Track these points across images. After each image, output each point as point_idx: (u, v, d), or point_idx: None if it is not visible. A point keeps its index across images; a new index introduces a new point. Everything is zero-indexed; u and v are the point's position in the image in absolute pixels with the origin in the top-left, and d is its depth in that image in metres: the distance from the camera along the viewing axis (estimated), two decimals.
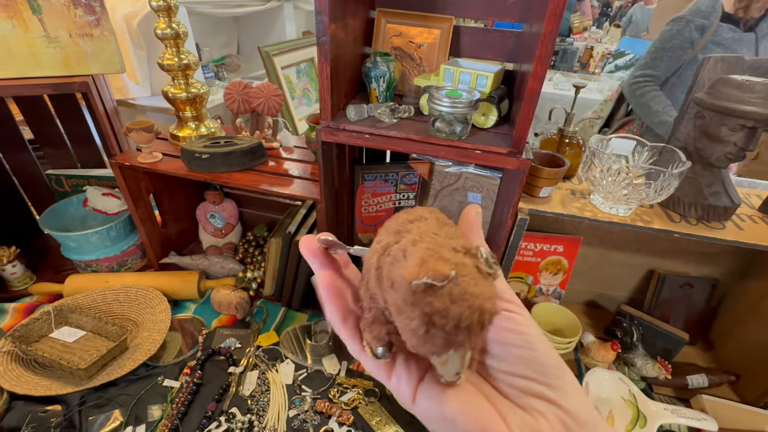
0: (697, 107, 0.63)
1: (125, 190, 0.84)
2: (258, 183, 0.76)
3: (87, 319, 0.81)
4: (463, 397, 0.19)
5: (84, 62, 0.74)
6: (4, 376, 0.69)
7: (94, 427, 0.66)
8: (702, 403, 0.73)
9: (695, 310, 0.86)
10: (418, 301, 0.15)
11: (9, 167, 0.97)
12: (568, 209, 0.67)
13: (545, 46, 0.47)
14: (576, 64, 2.83)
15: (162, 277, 0.93)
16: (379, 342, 0.19)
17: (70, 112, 0.98)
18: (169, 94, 0.85)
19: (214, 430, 0.66)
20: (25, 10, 0.67)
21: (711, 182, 0.66)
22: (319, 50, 0.54)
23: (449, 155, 0.59)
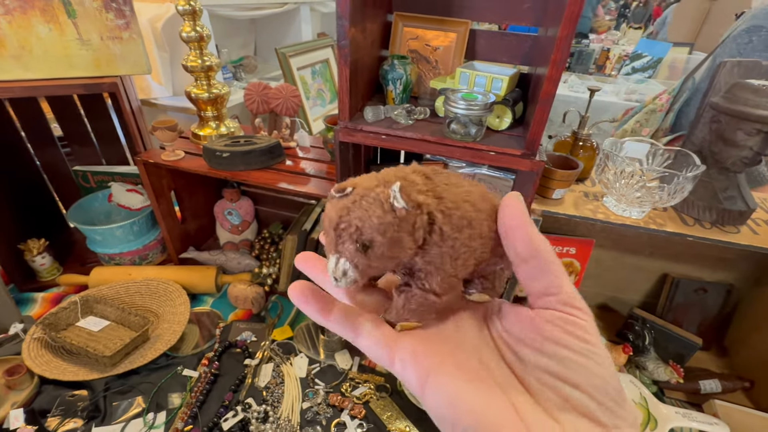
0: (713, 111, 0.63)
1: (149, 186, 0.87)
2: (276, 181, 0.78)
3: (111, 309, 0.85)
4: (482, 396, 0.17)
5: (113, 63, 0.78)
6: (35, 361, 0.73)
7: (118, 412, 0.69)
8: (714, 408, 0.72)
9: (709, 315, 0.86)
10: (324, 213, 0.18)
11: (40, 163, 1.02)
12: (581, 211, 0.68)
13: (561, 49, 0.48)
14: (592, 66, 2.81)
15: (181, 272, 0.96)
16: None
17: (98, 111, 1.02)
18: (192, 95, 0.88)
19: (231, 419, 0.69)
20: (61, 14, 0.71)
21: (726, 186, 0.66)
22: (339, 53, 0.56)
23: (464, 156, 0.60)
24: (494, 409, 0.16)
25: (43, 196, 1.05)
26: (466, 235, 0.18)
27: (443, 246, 0.17)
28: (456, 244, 0.17)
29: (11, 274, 0.93)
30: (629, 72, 2.52)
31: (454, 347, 0.19)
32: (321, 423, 0.70)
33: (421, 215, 0.17)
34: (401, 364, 0.18)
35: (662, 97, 1.35)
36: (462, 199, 0.18)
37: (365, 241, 0.16)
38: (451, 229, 0.17)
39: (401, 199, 0.16)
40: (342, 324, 0.19)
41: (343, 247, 0.17)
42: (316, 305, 0.19)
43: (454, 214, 0.17)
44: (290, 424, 0.69)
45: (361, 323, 0.19)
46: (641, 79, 2.35)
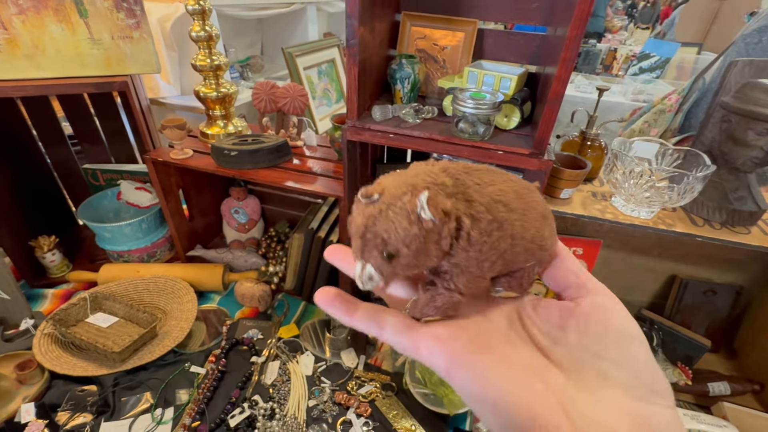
0: (723, 111, 0.63)
1: (157, 184, 0.88)
2: (283, 180, 0.79)
3: (120, 306, 0.86)
4: (511, 373, 0.16)
5: (124, 63, 0.79)
6: (45, 356, 0.74)
7: (127, 407, 0.70)
8: (723, 411, 0.72)
9: (718, 317, 0.85)
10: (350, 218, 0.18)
11: (50, 161, 1.03)
12: (589, 211, 0.68)
13: (570, 49, 0.48)
14: (599, 66, 2.79)
15: (189, 269, 0.97)
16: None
17: (108, 109, 1.03)
18: (201, 94, 0.89)
19: (237, 416, 0.69)
20: (73, 14, 0.72)
21: (736, 187, 0.65)
22: (348, 52, 0.57)
23: (472, 155, 0.60)
24: (524, 386, 0.16)
25: (53, 193, 1.07)
26: (495, 237, 0.17)
27: (470, 250, 0.17)
28: (484, 248, 0.17)
29: (22, 270, 0.94)
30: (636, 72, 2.50)
31: (481, 331, 0.19)
32: (327, 421, 0.71)
33: (449, 223, 0.16)
34: (427, 348, 0.18)
35: (671, 98, 1.34)
36: (494, 199, 0.17)
37: (391, 251, 0.16)
38: (479, 234, 0.17)
39: (428, 212, 0.16)
40: (366, 322, 0.19)
41: (369, 255, 0.17)
42: (341, 307, 0.20)
43: (484, 218, 0.17)
44: (296, 421, 0.70)
45: (384, 318, 0.19)
46: (649, 79, 2.34)
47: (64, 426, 0.66)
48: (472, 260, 0.17)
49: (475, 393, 0.17)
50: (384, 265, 0.17)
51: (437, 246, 0.16)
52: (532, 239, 0.19)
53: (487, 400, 0.16)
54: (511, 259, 0.19)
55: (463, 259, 0.17)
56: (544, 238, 0.19)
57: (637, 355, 0.17)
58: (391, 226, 0.16)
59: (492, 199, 0.17)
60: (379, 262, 0.17)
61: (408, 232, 0.16)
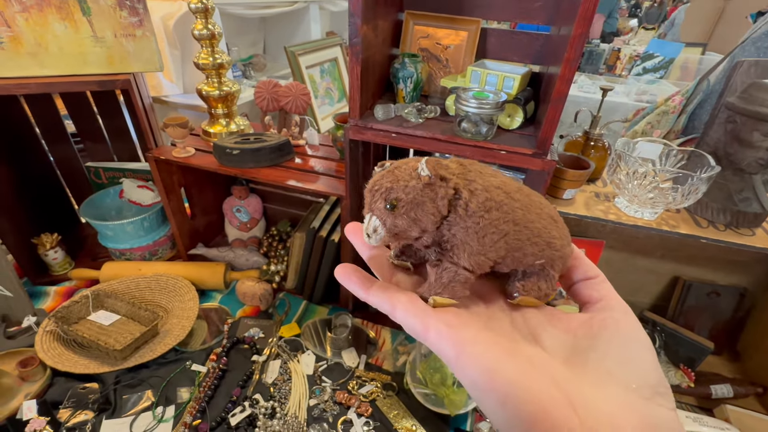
0: (729, 111, 0.62)
1: (159, 182, 0.88)
2: (285, 178, 0.79)
3: (121, 304, 0.86)
4: (519, 366, 0.17)
5: (126, 61, 0.79)
6: (47, 354, 0.74)
7: (128, 405, 0.70)
8: (726, 413, 0.71)
9: (722, 319, 0.85)
10: None
11: (53, 159, 1.03)
12: (591, 212, 0.67)
13: (574, 48, 0.48)
14: (602, 66, 2.78)
15: (190, 267, 0.97)
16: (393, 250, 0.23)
17: (110, 108, 1.03)
18: (203, 92, 0.88)
19: (238, 414, 0.69)
20: (76, 12, 0.72)
21: (741, 188, 0.65)
22: (351, 51, 0.56)
23: (474, 155, 0.60)
24: (532, 379, 0.16)
25: (56, 191, 1.07)
26: (495, 216, 0.19)
27: (468, 221, 0.19)
28: (482, 222, 0.19)
29: (25, 267, 0.95)
30: (640, 72, 2.49)
31: (490, 324, 0.20)
32: (328, 420, 0.71)
33: (446, 188, 0.19)
34: (437, 334, 0.18)
35: (675, 99, 1.33)
36: (493, 185, 0.19)
37: (392, 200, 0.18)
38: (477, 206, 0.19)
39: (426, 169, 0.18)
40: (380, 298, 0.20)
41: (375, 206, 0.19)
42: (357, 282, 0.21)
43: (481, 195, 0.19)
44: (297, 420, 0.70)
45: (397, 297, 0.20)
46: (652, 79, 2.32)
47: (66, 423, 0.66)
48: (471, 233, 0.19)
49: (482, 384, 0.17)
50: (387, 214, 0.19)
51: (433, 203, 0.18)
52: (539, 234, 0.20)
53: (494, 392, 0.16)
54: (516, 247, 0.20)
55: (461, 230, 0.19)
56: (553, 237, 0.20)
57: (644, 357, 0.18)
58: (394, 178, 0.19)
59: (491, 184, 0.19)
60: (382, 212, 0.19)
61: (408, 183, 0.18)
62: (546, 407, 0.15)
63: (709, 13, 3.97)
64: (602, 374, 0.17)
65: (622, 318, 0.19)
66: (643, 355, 0.18)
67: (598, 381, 0.17)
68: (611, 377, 0.17)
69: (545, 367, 0.17)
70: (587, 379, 0.17)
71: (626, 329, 0.19)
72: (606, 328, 0.19)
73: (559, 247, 0.21)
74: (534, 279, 0.21)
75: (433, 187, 0.18)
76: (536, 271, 0.21)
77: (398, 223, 0.19)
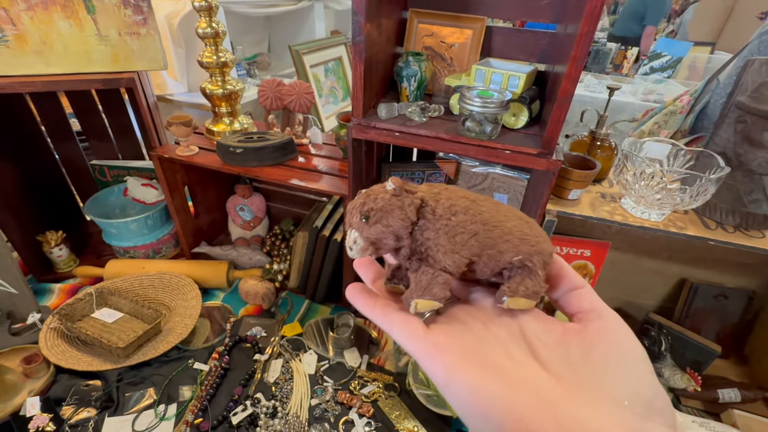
0: (739, 111, 0.61)
1: (163, 181, 0.88)
2: (288, 177, 0.79)
3: (125, 301, 0.86)
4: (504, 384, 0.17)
5: (131, 59, 0.79)
6: (51, 350, 0.74)
7: (130, 403, 0.70)
8: (733, 418, 0.70)
9: (729, 323, 0.83)
10: None
11: (58, 157, 1.04)
12: (597, 212, 0.67)
13: (581, 46, 0.47)
14: (609, 65, 2.75)
15: (194, 266, 0.97)
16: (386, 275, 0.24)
17: (115, 106, 1.04)
18: (207, 91, 0.88)
19: (240, 413, 0.69)
20: (81, 10, 0.72)
21: (751, 189, 0.64)
22: (354, 49, 0.56)
23: (478, 155, 0.59)
24: (518, 397, 0.16)
25: (61, 189, 1.08)
26: (461, 218, 0.21)
27: (437, 223, 0.21)
28: (450, 224, 0.21)
29: (30, 264, 0.95)
30: (647, 72, 2.46)
31: (481, 342, 0.20)
32: (329, 420, 0.70)
33: (413, 198, 0.21)
34: (427, 356, 0.19)
35: (683, 99, 1.31)
36: (458, 195, 0.22)
37: (366, 212, 0.21)
38: (443, 210, 0.21)
39: (391, 183, 0.21)
40: (380, 317, 0.21)
41: (353, 221, 0.21)
42: (363, 301, 0.22)
43: (446, 201, 0.21)
44: (298, 420, 0.69)
45: (394, 318, 0.21)
46: (660, 79, 2.30)
47: (69, 420, 0.66)
48: (441, 234, 0.21)
49: (468, 404, 0.17)
50: (363, 226, 0.21)
51: (401, 210, 0.21)
52: (510, 231, 0.21)
53: (478, 409, 0.17)
54: (489, 244, 0.21)
55: (432, 233, 0.21)
56: (525, 234, 0.22)
57: (638, 370, 0.18)
58: (367, 196, 0.21)
59: (457, 195, 0.22)
60: (359, 224, 0.21)
61: (377, 197, 0.21)
62: (526, 416, 0.16)
63: (718, 12, 3.92)
64: (595, 391, 0.17)
65: (615, 327, 0.19)
66: (638, 368, 0.18)
67: (590, 398, 0.17)
68: (603, 393, 0.17)
69: (535, 384, 0.17)
70: (580, 397, 0.17)
71: (620, 340, 0.19)
72: (600, 339, 0.19)
73: (534, 243, 0.22)
74: (518, 278, 0.21)
75: (400, 198, 0.21)
76: (518, 270, 0.22)
77: (372, 231, 0.21)
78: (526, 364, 0.18)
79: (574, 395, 0.17)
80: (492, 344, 0.20)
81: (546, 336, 0.20)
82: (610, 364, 0.18)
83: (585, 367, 0.18)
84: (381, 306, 0.22)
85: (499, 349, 0.19)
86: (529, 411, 0.16)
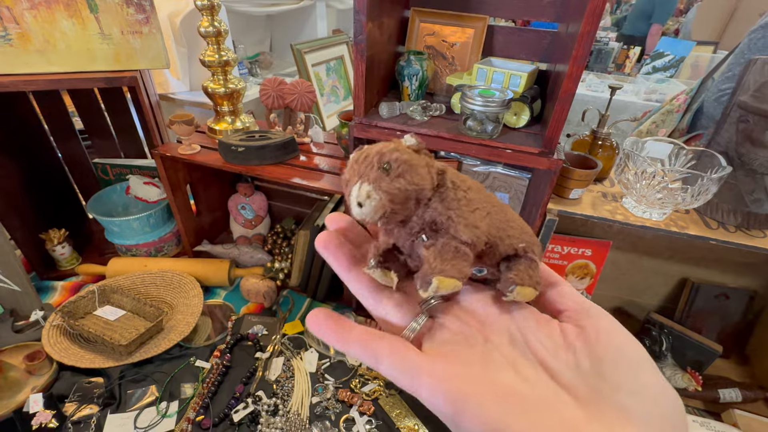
0: (741, 111, 0.61)
1: (165, 179, 0.89)
2: (290, 176, 0.79)
3: (127, 299, 0.86)
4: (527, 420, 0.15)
5: (133, 58, 0.79)
6: (54, 348, 0.75)
7: (132, 400, 0.71)
8: (734, 418, 0.70)
9: (730, 322, 0.83)
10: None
11: (61, 155, 1.04)
12: (598, 212, 0.67)
13: (583, 45, 0.47)
14: (611, 65, 2.74)
15: (195, 264, 0.98)
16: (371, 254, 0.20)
17: (117, 105, 1.04)
18: (209, 89, 0.89)
19: (241, 411, 0.69)
20: (84, 9, 0.72)
21: (753, 189, 0.63)
22: (356, 48, 0.56)
23: (480, 154, 0.59)
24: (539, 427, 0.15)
25: (64, 187, 1.08)
26: (475, 195, 0.19)
27: (457, 192, 0.19)
28: (469, 195, 0.19)
29: (33, 262, 0.96)
30: (650, 71, 2.46)
31: (485, 363, 0.18)
32: (330, 418, 0.71)
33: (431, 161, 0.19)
34: (429, 390, 0.16)
35: (679, 98, 1.32)
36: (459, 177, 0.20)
37: (388, 162, 0.17)
38: (462, 183, 0.19)
39: (412, 138, 0.18)
40: (362, 350, 0.18)
41: (366, 171, 0.17)
42: (333, 331, 0.18)
43: (458, 176, 0.20)
44: (299, 418, 0.70)
45: (380, 348, 0.18)
46: (662, 78, 2.29)
47: (71, 417, 0.67)
48: (462, 205, 0.19)
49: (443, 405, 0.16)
50: (381, 177, 0.17)
51: (426, 169, 0.18)
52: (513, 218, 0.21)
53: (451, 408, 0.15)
54: (500, 227, 0.20)
55: (453, 201, 0.19)
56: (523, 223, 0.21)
57: (652, 382, 0.16)
58: (384, 146, 0.18)
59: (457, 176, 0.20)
60: (376, 175, 0.17)
61: (400, 149, 0.18)
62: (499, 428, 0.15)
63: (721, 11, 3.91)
64: (616, 411, 0.15)
65: (611, 328, 0.18)
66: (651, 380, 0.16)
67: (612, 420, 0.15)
68: (627, 414, 0.15)
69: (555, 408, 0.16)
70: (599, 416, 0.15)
71: (622, 342, 0.17)
72: (603, 344, 0.17)
73: (531, 233, 0.21)
74: (522, 267, 0.20)
75: (422, 155, 0.18)
76: (521, 258, 0.20)
77: (395, 186, 0.17)
78: (539, 382, 0.17)
79: (596, 418, 0.15)
80: (498, 362, 0.18)
81: (548, 340, 0.18)
82: (625, 376, 0.16)
83: (600, 381, 0.16)
84: (358, 335, 0.18)
85: (507, 366, 0.17)
86: None
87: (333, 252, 0.20)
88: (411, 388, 0.17)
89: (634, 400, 0.16)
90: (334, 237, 0.20)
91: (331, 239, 0.20)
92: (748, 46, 1.09)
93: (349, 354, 0.18)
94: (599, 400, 0.16)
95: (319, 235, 0.20)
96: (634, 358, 0.17)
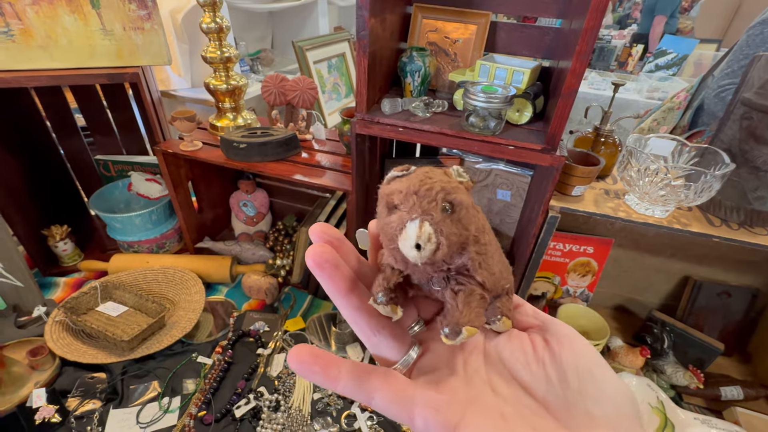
0: (745, 108, 0.61)
1: (167, 176, 0.89)
2: (291, 173, 0.79)
3: (129, 295, 0.87)
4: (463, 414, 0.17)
5: (135, 54, 0.79)
6: (56, 343, 0.75)
7: (135, 395, 0.71)
8: (735, 416, 0.70)
9: (733, 321, 0.83)
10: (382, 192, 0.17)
11: (63, 152, 1.04)
12: (601, 209, 0.66)
13: (586, 41, 0.47)
14: (613, 63, 2.73)
15: (197, 261, 0.98)
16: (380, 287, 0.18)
17: (119, 101, 1.04)
18: (211, 86, 0.89)
19: (243, 407, 0.70)
20: (85, 5, 0.72)
21: (756, 186, 0.63)
22: (358, 44, 0.56)
23: (482, 150, 0.59)
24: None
25: (66, 183, 1.08)
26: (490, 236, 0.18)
27: (484, 236, 0.18)
28: (487, 238, 0.18)
29: (35, 258, 0.96)
30: (652, 69, 2.45)
31: (470, 385, 0.18)
32: (331, 414, 0.71)
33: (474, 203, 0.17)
34: (423, 421, 0.17)
35: (680, 95, 1.32)
36: None
37: (450, 201, 0.16)
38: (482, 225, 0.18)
39: (463, 174, 0.17)
40: (352, 388, 0.18)
41: (429, 208, 0.16)
42: (320, 370, 0.17)
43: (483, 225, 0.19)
44: (301, 414, 0.70)
45: (372, 384, 0.18)
46: (665, 76, 2.28)
47: (74, 412, 0.67)
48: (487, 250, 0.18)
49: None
50: (444, 219, 0.15)
51: (475, 209, 0.17)
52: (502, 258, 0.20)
53: None
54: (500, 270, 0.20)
55: (483, 247, 0.18)
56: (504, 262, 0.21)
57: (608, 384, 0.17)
58: (444, 178, 0.16)
59: None
60: (440, 217, 0.15)
61: (456, 186, 0.16)
62: None
63: (725, 9, 3.89)
64: (583, 417, 0.17)
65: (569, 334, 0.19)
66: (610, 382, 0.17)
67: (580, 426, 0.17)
68: (592, 420, 0.17)
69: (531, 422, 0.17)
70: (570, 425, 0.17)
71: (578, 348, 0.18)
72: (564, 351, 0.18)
73: (510, 270, 0.21)
74: (505, 300, 0.20)
75: (470, 194, 0.17)
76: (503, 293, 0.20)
77: (454, 231, 0.16)
78: (517, 401, 0.18)
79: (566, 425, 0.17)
80: (479, 387, 0.18)
81: (520, 353, 0.19)
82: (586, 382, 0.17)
83: (564, 388, 0.17)
84: (350, 374, 0.17)
85: (487, 389, 0.18)
86: None
87: (329, 273, 0.18)
88: (405, 419, 0.17)
89: (596, 406, 0.17)
90: (330, 256, 0.18)
91: (326, 258, 0.18)
92: (747, 43, 1.08)
93: (338, 392, 0.18)
94: (568, 408, 0.17)
95: (312, 250, 0.18)
96: (590, 362, 0.18)
